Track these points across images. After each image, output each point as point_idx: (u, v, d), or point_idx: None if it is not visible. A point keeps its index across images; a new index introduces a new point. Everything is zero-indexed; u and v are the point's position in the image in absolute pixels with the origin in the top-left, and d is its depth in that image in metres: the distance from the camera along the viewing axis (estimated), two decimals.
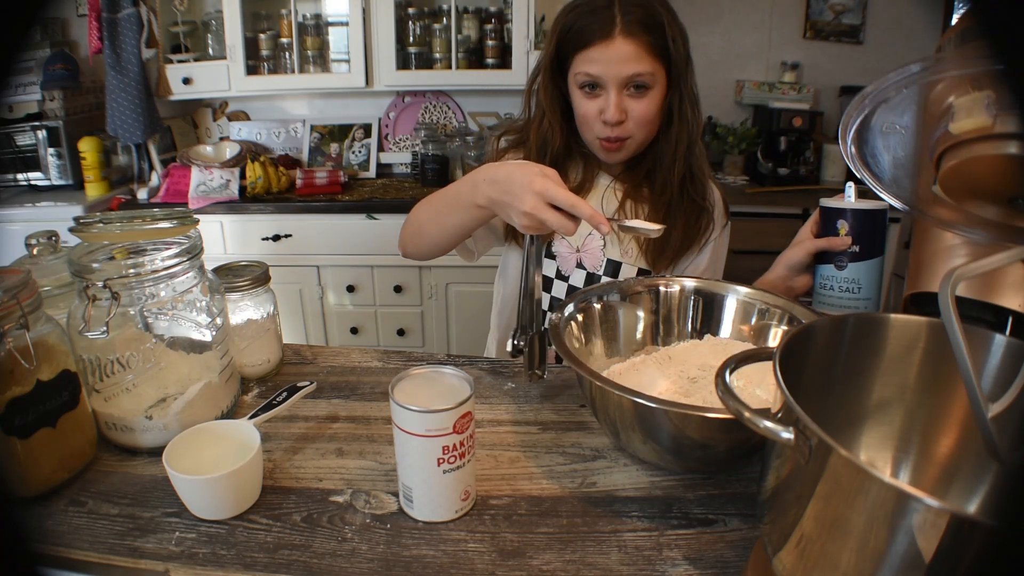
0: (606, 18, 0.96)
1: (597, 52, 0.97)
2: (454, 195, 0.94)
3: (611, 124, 1.00)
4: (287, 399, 0.77)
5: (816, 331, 0.55)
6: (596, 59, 0.97)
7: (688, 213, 1.07)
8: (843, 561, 0.40)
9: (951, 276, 0.39)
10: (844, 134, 0.62)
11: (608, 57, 0.96)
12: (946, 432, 0.56)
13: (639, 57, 0.96)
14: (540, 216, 0.76)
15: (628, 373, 0.81)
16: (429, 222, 1.00)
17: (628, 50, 0.96)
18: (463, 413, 0.62)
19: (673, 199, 1.06)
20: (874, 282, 0.87)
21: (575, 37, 0.99)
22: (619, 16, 0.95)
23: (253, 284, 0.91)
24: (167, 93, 2.43)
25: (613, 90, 0.98)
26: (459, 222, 0.95)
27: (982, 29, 0.41)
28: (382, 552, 0.61)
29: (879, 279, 0.87)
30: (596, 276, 1.10)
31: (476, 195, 0.86)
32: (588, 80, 0.99)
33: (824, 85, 2.87)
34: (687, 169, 1.06)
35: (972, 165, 0.56)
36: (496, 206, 0.83)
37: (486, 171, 0.85)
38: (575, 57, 1.00)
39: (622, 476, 0.72)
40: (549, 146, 1.07)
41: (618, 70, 0.97)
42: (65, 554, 0.61)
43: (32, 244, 0.82)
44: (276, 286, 0.97)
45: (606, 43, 0.96)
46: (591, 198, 1.11)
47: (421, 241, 1.03)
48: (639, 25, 0.96)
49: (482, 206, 0.86)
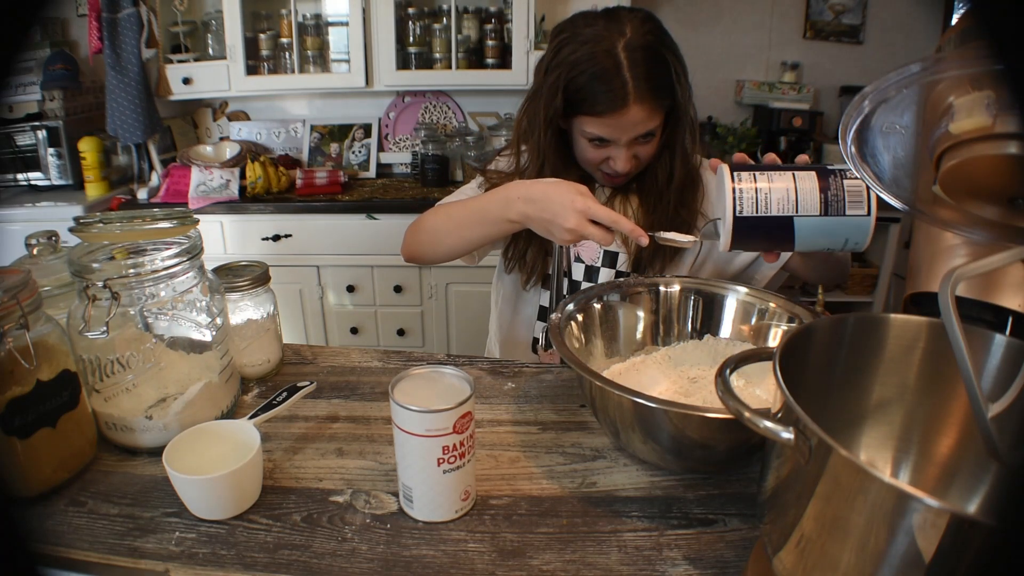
0: (617, 86, 0.92)
1: (608, 120, 0.95)
2: (480, 209, 0.95)
3: (619, 173, 1.01)
4: (287, 399, 0.77)
5: (816, 331, 0.55)
6: (607, 124, 0.96)
7: (678, 210, 1.06)
8: (843, 561, 0.40)
9: (951, 276, 0.39)
10: (844, 134, 0.62)
11: (621, 124, 0.95)
12: (946, 432, 0.56)
13: (651, 117, 0.96)
14: (583, 232, 0.81)
15: (628, 373, 0.81)
16: (449, 234, 1.01)
17: (640, 115, 0.94)
18: (463, 413, 0.62)
19: (662, 194, 1.06)
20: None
21: (584, 103, 0.95)
22: (630, 82, 0.92)
23: (253, 284, 0.91)
24: (167, 93, 2.43)
25: (624, 148, 0.98)
26: (485, 234, 0.98)
27: (982, 29, 0.41)
28: (382, 552, 0.61)
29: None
30: (595, 269, 1.10)
31: (509, 211, 0.89)
32: (597, 137, 0.98)
33: (824, 85, 2.87)
34: (679, 201, 1.05)
35: (972, 165, 0.56)
36: (532, 222, 0.86)
37: (518, 188, 0.89)
38: (580, 117, 0.98)
39: (622, 476, 0.72)
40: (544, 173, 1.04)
41: (630, 133, 0.97)
42: (65, 554, 0.61)
43: (32, 244, 0.82)
44: (276, 286, 0.97)
45: (619, 113, 0.94)
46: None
47: (438, 250, 1.04)
48: (649, 89, 0.93)
49: (515, 221, 0.89)
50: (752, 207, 0.71)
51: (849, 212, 0.71)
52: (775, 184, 0.72)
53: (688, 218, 1.06)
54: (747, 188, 0.72)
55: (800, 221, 0.72)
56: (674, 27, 3.28)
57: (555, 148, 1.04)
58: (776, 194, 0.71)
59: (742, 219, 0.72)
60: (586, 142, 1.01)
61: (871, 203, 0.71)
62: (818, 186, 0.71)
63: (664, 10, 2.77)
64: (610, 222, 0.81)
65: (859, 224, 0.72)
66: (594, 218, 0.81)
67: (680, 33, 3.36)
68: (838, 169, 0.72)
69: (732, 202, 0.71)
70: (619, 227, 0.81)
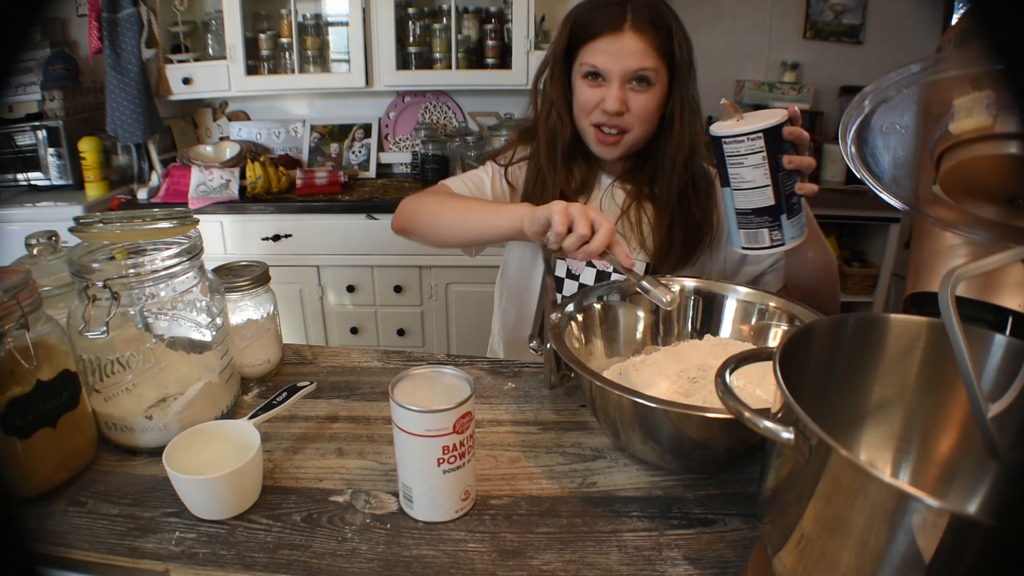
0: (617, 13, 0.98)
1: (605, 43, 0.99)
2: (490, 220, 0.97)
3: (610, 114, 1.00)
4: (287, 399, 0.77)
5: (816, 331, 0.55)
6: (603, 50, 0.99)
7: (688, 225, 1.06)
8: (843, 561, 0.40)
9: (951, 276, 0.39)
10: (844, 134, 0.62)
11: (615, 49, 0.98)
12: (946, 432, 0.56)
13: (646, 52, 0.98)
14: (570, 211, 0.81)
15: (628, 373, 0.81)
16: (451, 232, 1.03)
17: (636, 44, 0.98)
18: (463, 413, 0.62)
19: (674, 208, 1.06)
20: (728, 212, 0.85)
21: (585, 29, 1.01)
22: (630, 13, 0.98)
23: (253, 284, 0.91)
24: (167, 93, 2.43)
25: (616, 82, 0.99)
26: (488, 240, 1.02)
27: (982, 29, 0.41)
28: (382, 552, 0.61)
29: (729, 210, 0.85)
30: (606, 274, 1.10)
31: (518, 225, 0.91)
32: (593, 70, 1.01)
33: (824, 85, 2.87)
34: (689, 179, 1.06)
35: (972, 165, 0.56)
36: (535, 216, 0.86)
37: (529, 207, 0.90)
38: (582, 48, 1.02)
39: (622, 476, 0.72)
40: (559, 138, 1.07)
41: (624, 63, 0.98)
42: (65, 554, 0.61)
43: (32, 244, 0.82)
44: (276, 286, 0.97)
45: (615, 35, 0.98)
46: (593, 199, 1.11)
47: (434, 237, 1.05)
48: (648, 23, 0.98)
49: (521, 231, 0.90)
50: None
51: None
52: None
53: (702, 221, 1.06)
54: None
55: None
56: None
57: (562, 89, 1.06)
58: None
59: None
60: (583, 82, 1.02)
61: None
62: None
63: None
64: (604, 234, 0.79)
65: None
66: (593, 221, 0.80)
67: None
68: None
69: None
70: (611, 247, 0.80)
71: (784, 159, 0.81)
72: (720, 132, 0.81)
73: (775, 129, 0.80)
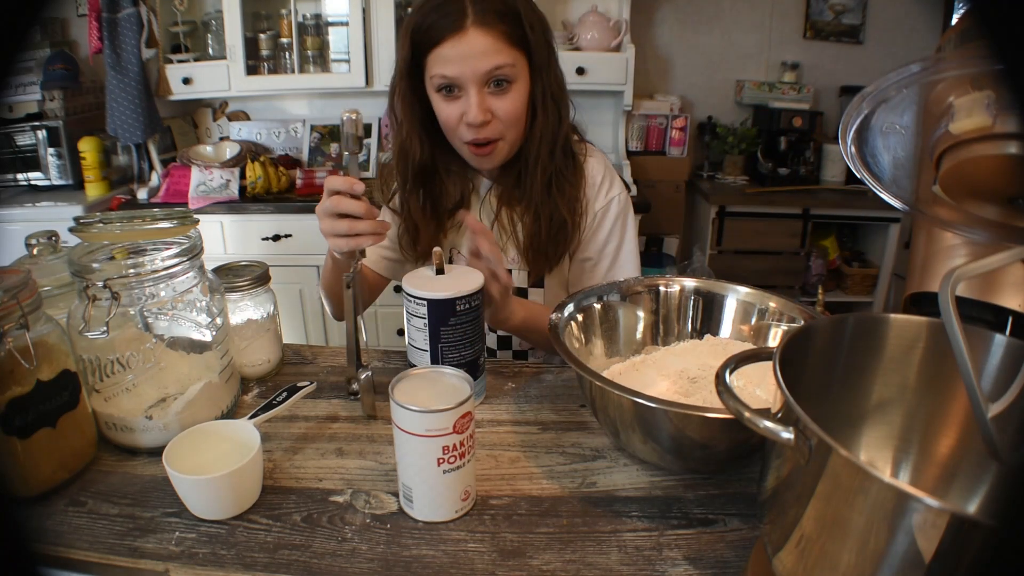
0: (456, 11, 0.87)
1: (450, 48, 0.88)
2: (327, 265, 0.99)
3: (475, 126, 0.92)
4: (287, 399, 0.77)
5: (816, 331, 0.55)
6: (450, 57, 0.89)
7: (554, 218, 1.00)
8: (843, 561, 0.40)
9: (951, 276, 0.39)
10: (844, 134, 0.62)
11: (462, 53, 0.88)
12: (946, 432, 0.56)
13: (496, 49, 0.88)
14: (328, 204, 0.81)
15: (628, 373, 0.81)
16: (328, 293, 1.05)
17: (483, 42, 0.87)
18: (463, 413, 0.62)
19: (540, 202, 1.00)
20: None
21: (426, 36, 0.90)
22: (470, 7, 0.87)
23: (253, 284, 0.91)
24: (167, 93, 2.43)
25: (473, 89, 0.90)
26: (329, 272, 1.00)
27: (982, 29, 0.41)
28: (382, 552, 0.61)
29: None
30: None
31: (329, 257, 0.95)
32: (445, 82, 0.91)
33: (824, 85, 2.87)
34: (552, 173, 0.98)
35: (972, 165, 0.56)
36: (335, 253, 0.87)
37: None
38: (428, 58, 0.91)
39: (622, 476, 0.72)
40: (410, 157, 1.00)
41: (475, 66, 0.88)
42: (65, 554, 0.61)
43: (32, 244, 0.82)
44: (276, 286, 0.97)
45: (458, 37, 0.87)
46: (474, 207, 1.06)
47: (335, 309, 1.08)
48: (493, 14, 0.88)
49: (335, 258, 0.91)
50: None
51: None
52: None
53: (565, 211, 1.00)
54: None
55: None
56: (674, 27, 3.28)
57: (411, 105, 0.98)
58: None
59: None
60: (439, 98, 0.93)
61: None
62: None
63: (664, 10, 2.77)
64: (346, 187, 0.79)
65: None
66: (338, 203, 0.80)
67: (680, 33, 3.36)
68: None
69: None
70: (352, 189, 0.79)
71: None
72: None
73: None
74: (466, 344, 0.83)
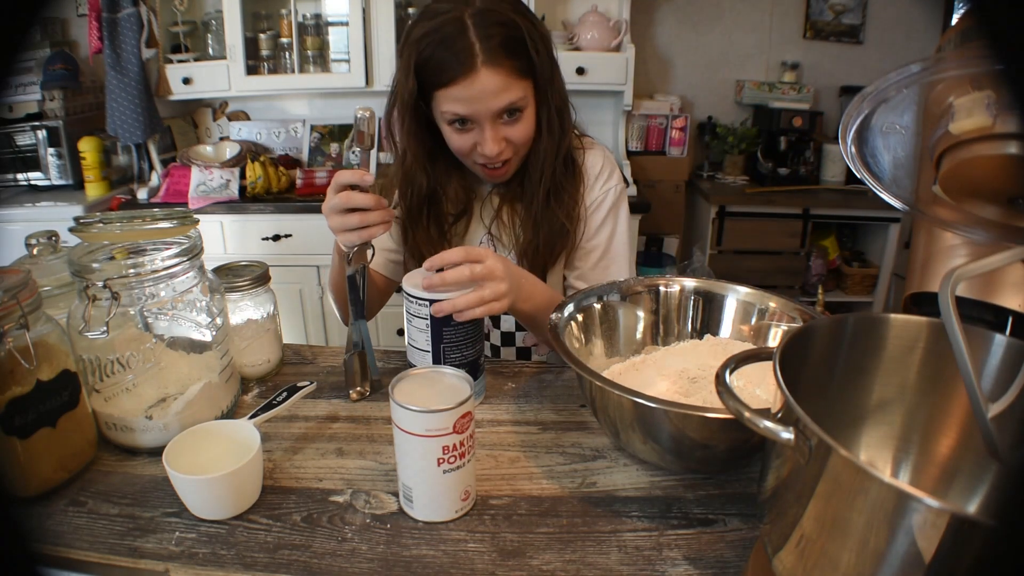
0: (463, 49, 0.86)
1: (461, 90, 0.88)
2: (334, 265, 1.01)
3: (490, 156, 0.94)
4: (287, 399, 0.77)
5: (816, 331, 0.55)
6: (462, 98, 0.88)
7: (553, 226, 1.02)
8: (843, 561, 0.40)
9: (951, 276, 0.39)
10: (844, 134, 0.62)
11: (475, 95, 0.88)
12: (946, 432, 0.56)
13: (507, 86, 0.89)
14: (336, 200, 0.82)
15: (628, 373, 0.81)
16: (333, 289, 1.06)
17: (495, 82, 0.87)
18: (463, 413, 0.62)
19: (539, 213, 1.02)
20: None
21: (434, 74, 0.89)
22: (477, 43, 0.86)
23: (253, 284, 0.91)
24: (167, 93, 2.43)
25: (487, 125, 0.91)
26: (335, 268, 1.02)
27: (982, 29, 0.41)
28: (382, 552, 0.61)
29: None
30: None
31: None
32: (457, 118, 0.92)
33: (824, 85, 2.87)
34: (552, 183, 1.01)
35: (972, 165, 0.56)
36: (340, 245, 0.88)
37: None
38: (436, 94, 0.91)
39: (622, 476, 0.72)
40: (416, 186, 1.02)
41: (488, 105, 0.89)
42: (65, 554, 0.61)
43: (32, 244, 0.82)
44: (276, 286, 0.97)
45: (470, 79, 0.87)
46: (475, 209, 1.08)
47: (340, 310, 1.08)
48: (501, 50, 0.87)
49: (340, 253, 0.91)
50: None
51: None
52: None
53: (564, 219, 1.02)
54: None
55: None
56: (674, 27, 3.28)
57: (416, 137, 0.98)
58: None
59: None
60: (450, 129, 0.94)
61: None
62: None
63: (664, 10, 2.77)
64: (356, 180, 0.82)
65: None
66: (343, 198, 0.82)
67: (680, 33, 3.36)
68: None
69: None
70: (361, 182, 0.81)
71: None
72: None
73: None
74: (468, 344, 0.83)
